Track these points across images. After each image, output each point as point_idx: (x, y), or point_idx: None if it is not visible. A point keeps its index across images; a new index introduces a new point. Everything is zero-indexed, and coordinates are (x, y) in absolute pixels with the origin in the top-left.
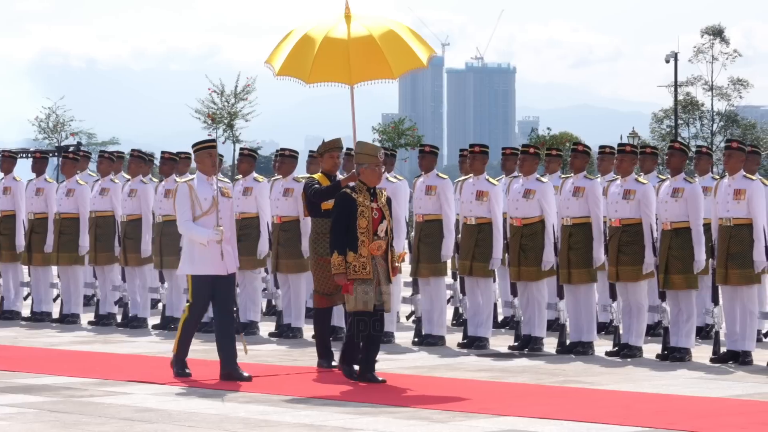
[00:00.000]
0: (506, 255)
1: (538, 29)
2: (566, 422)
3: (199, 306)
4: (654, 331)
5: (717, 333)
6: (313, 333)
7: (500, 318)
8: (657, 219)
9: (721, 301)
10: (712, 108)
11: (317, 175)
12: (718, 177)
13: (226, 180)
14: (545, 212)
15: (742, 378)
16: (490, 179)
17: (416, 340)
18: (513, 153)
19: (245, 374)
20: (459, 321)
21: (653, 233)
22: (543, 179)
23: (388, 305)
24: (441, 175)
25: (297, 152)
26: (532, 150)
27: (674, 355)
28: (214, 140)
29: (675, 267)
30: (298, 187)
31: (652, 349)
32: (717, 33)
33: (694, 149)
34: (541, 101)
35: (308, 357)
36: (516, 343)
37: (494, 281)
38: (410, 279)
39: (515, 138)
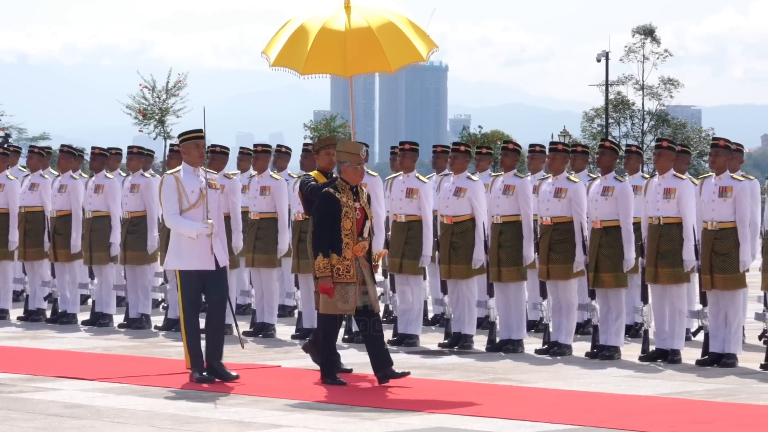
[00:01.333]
0: (436, 252)
1: (471, 28)
2: (495, 420)
3: (190, 302)
4: (583, 329)
5: (646, 331)
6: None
7: (430, 315)
8: (587, 217)
9: (650, 300)
10: (643, 107)
11: (313, 173)
12: (648, 176)
13: (212, 171)
14: (475, 210)
15: (670, 376)
16: (420, 177)
17: (347, 337)
18: (444, 151)
19: (231, 372)
20: (389, 318)
21: (584, 232)
22: (474, 177)
23: (376, 306)
24: (371, 172)
25: (228, 148)
26: (463, 148)
27: (603, 354)
28: (201, 130)
29: (605, 265)
30: (229, 183)
31: (581, 347)
32: (648, 33)
33: (624, 148)
34: (473, 100)
35: (238, 354)
36: (446, 341)
37: (424, 279)
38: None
39: (447, 136)
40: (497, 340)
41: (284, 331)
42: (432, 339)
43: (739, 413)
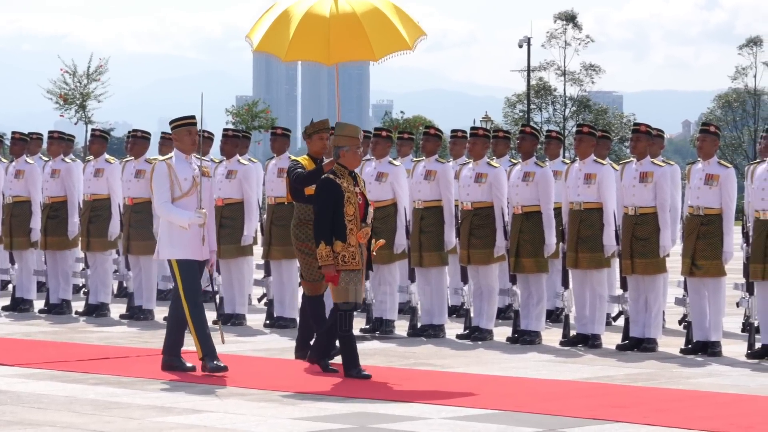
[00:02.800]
0: None
1: None
2: (417, 404)
3: (192, 291)
4: (504, 314)
5: (567, 316)
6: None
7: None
8: (508, 203)
9: (571, 285)
10: (565, 93)
11: (302, 158)
12: (569, 161)
13: (206, 158)
14: (397, 195)
15: (591, 361)
16: (289, 161)
17: (268, 322)
18: (366, 136)
19: (189, 365)
20: None
21: (504, 217)
22: (395, 162)
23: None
24: (293, 157)
25: (149, 133)
26: (384, 134)
27: (524, 338)
28: (194, 116)
29: (526, 251)
30: (150, 168)
31: (502, 332)
32: (570, 19)
33: (544, 133)
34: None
35: (158, 339)
36: (367, 326)
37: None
38: (262, 261)
39: (369, 121)
40: (419, 325)
41: (255, 319)
42: (354, 324)
43: (658, 397)
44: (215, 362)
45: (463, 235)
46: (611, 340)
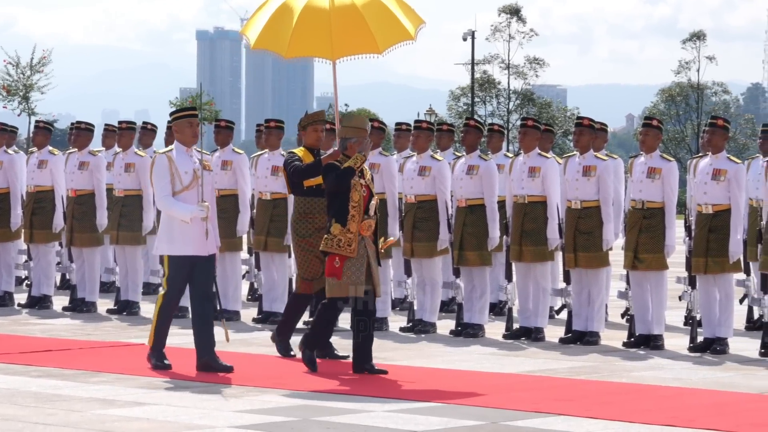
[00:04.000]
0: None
1: None
2: (360, 397)
3: (176, 290)
4: (448, 307)
5: (510, 309)
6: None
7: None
8: (452, 196)
9: (514, 278)
10: (509, 86)
11: (299, 150)
12: (511, 155)
13: (206, 152)
14: None
15: (534, 354)
16: (285, 154)
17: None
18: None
19: (225, 364)
20: (254, 296)
21: (448, 210)
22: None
23: (378, 289)
24: (237, 150)
25: (93, 125)
26: (328, 126)
27: (468, 331)
28: (195, 108)
29: (469, 244)
30: (94, 160)
31: (445, 325)
32: (514, 12)
33: (486, 127)
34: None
35: (101, 331)
36: (311, 318)
37: (289, 256)
38: None
39: None
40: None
41: (249, 313)
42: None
43: (601, 390)
44: (163, 361)
45: (406, 228)
46: (554, 333)
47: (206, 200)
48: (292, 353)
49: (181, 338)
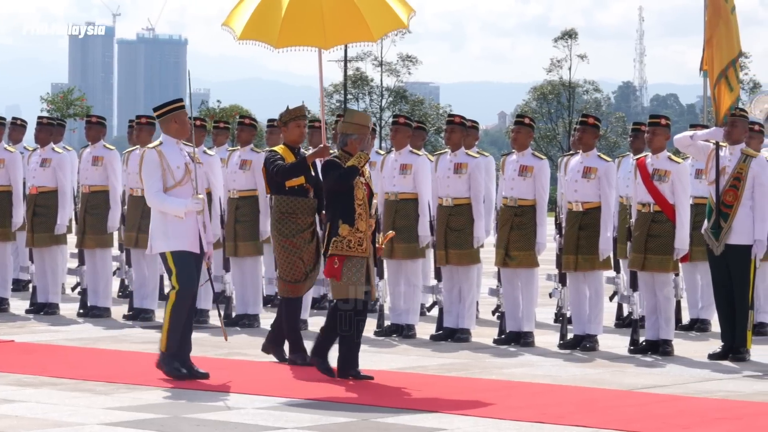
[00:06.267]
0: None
1: (209, 1)
2: (230, 394)
3: (189, 286)
4: (319, 304)
5: (381, 306)
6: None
7: (167, 290)
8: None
9: (386, 275)
10: (381, 84)
11: (279, 148)
12: (383, 152)
13: (189, 143)
14: (211, 185)
15: (405, 351)
16: (266, 152)
17: (82, 311)
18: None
19: (201, 371)
20: (125, 293)
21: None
22: (210, 152)
23: (373, 292)
24: (108, 146)
25: (4, 118)
26: (198, 123)
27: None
28: (182, 99)
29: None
30: None
31: (316, 323)
32: None
33: None
34: (212, 73)
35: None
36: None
37: None
38: (76, 250)
39: (186, 110)
40: (233, 314)
41: (120, 310)
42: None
43: (471, 387)
44: (177, 367)
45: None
46: (425, 330)
47: (197, 193)
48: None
49: (50, 335)
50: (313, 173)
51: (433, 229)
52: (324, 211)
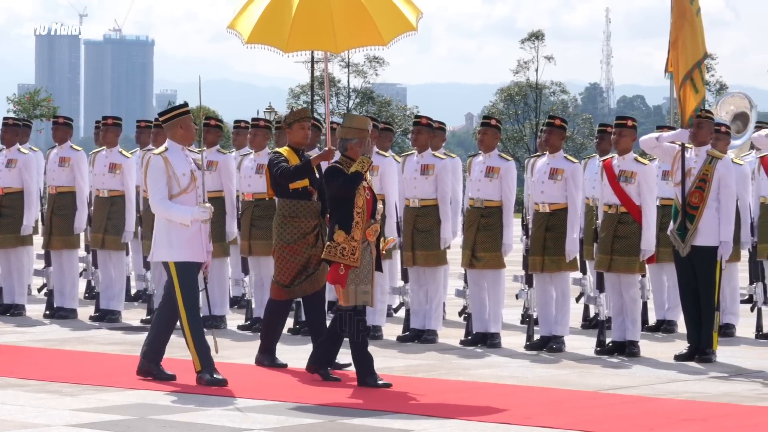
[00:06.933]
0: (139, 228)
1: (176, 2)
2: (195, 395)
3: (193, 297)
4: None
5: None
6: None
7: (133, 291)
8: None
9: None
10: (349, 85)
11: (283, 150)
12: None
13: (193, 150)
14: (224, 186)
15: (372, 352)
16: (123, 152)
17: (48, 312)
18: (147, 126)
19: (168, 373)
20: (91, 294)
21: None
22: (224, 151)
23: (371, 299)
24: (75, 147)
25: None
26: (214, 123)
27: (304, 330)
28: (186, 104)
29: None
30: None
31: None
32: None
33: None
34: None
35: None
36: (149, 317)
37: (127, 254)
38: (42, 251)
39: (153, 111)
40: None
41: (86, 311)
42: (135, 315)
43: (438, 388)
44: (214, 375)
45: (244, 226)
46: (392, 331)
47: (201, 200)
48: (280, 363)
49: (16, 336)
50: (317, 176)
51: (400, 231)
52: (328, 215)
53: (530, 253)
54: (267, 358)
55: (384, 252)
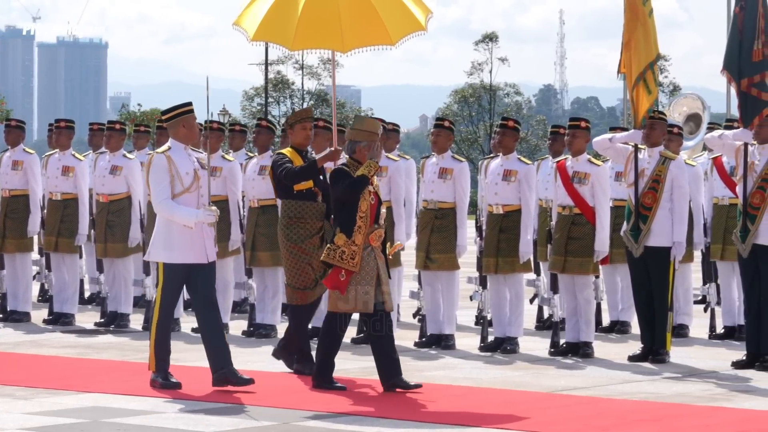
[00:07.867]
0: (92, 231)
1: (129, 5)
2: (151, 399)
3: (171, 300)
4: (240, 307)
5: None
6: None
7: (87, 294)
8: (246, 196)
9: None
10: (303, 87)
11: (287, 151)
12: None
13: (199, 150)
14: (131, 188)
15: None
16: (77, 155)
17: (1, 316)
18: (100, 129)
19: (245, 377)
20: (45, 297)
21: (240, 210)
22: (130, 156)
23: (389, 304)
24: (28, 150)
25: None
26: (118, 126)
27: (260, 332)
28: (190, 103)
29: (262, 244)
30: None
31: (238, 326)
32: None
33: (279, 128)
34: (133, 77)
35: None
36: (102, 320)
37: (80, 257)
38: None
39: (107, 113)
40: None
41: (40, 315)
42: (88, 318)
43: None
44: (169, 379)
45: (247, 236)
46: (347, 333)
47: (205, 202)
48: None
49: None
50: (321, 177)
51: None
52: (332, 217)
53: (484, 254)
54: (307, 366)
55: (391, 257)
